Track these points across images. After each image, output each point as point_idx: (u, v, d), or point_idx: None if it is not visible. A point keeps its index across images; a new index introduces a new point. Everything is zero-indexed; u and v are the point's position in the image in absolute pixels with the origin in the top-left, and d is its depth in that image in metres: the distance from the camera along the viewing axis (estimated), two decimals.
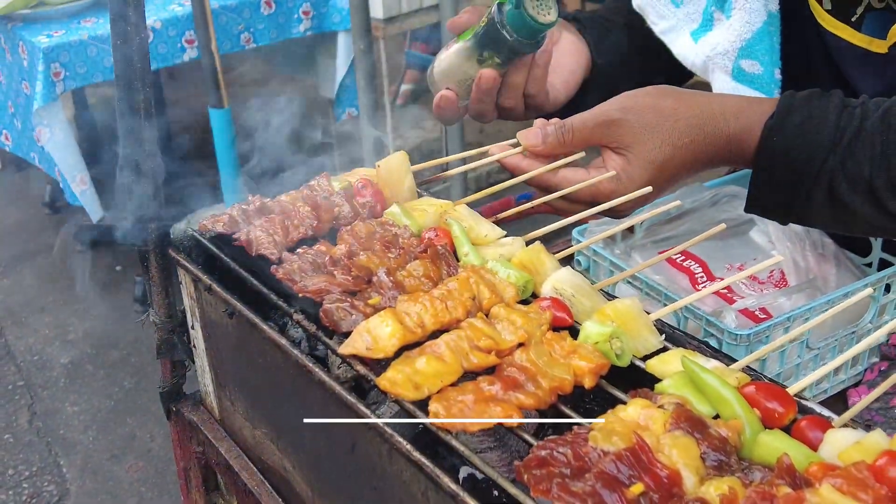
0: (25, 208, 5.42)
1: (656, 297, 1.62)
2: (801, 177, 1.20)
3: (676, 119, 1.23)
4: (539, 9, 1.30)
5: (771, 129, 1.21)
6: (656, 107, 1.24)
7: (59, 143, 3.66)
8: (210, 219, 1.30)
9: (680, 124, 1.23)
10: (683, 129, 1.23)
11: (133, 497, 3.38)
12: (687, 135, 1.23)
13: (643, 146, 1.23)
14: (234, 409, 1.42)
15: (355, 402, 0.99)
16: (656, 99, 1.25)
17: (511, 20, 1.30)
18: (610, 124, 1.24)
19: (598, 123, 1.25)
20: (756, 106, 1.25)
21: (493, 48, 1.34)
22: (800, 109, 1.21)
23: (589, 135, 1.26)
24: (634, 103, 1.25)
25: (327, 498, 1.21)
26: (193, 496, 1.61)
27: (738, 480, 0.80)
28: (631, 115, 1.23)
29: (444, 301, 1.04)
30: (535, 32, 1.32)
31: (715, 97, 1.29)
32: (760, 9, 1.42)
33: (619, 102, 1.26)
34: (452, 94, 1.42)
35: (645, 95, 1.26)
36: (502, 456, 1.07)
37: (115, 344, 4.21)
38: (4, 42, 3.78)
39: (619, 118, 1.24)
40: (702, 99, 1.27)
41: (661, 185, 1.27)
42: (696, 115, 1.23)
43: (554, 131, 1.27)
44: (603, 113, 1.25)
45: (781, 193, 1.24)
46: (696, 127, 1.23)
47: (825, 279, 1.70)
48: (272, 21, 4.04)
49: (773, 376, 1.48)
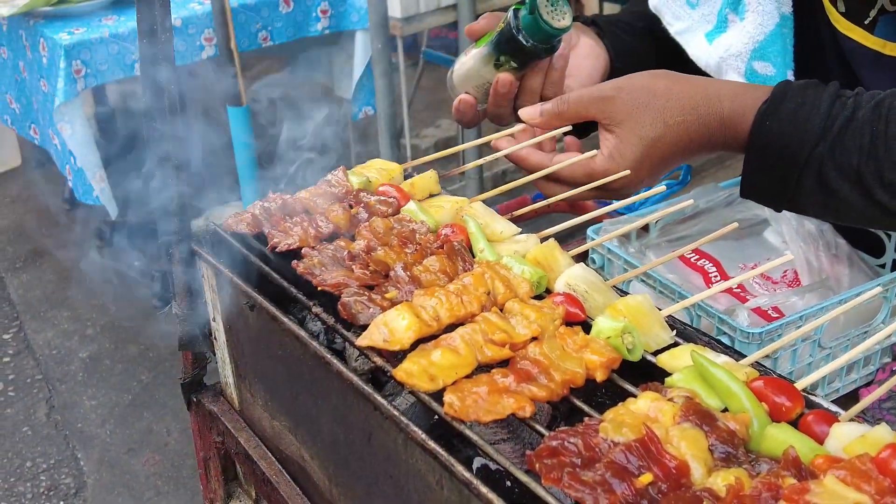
0: (46, 203, 5.47)
1: (670, 295, 1.64)
2: (792, 163, 1.21)
3: (669, 98, 1.25)
4: (553, 14, 1.33)
5: (764, 114, 1.22)
6: (650, 87, 1.27)
7: (79, 139, 3.70)
8: (234, 217, 1.33)
9: (672, 103, 1.25)
10: (675, 108, 1.25)
11: (149, 490, 3.41)
12: (679, 114, 1.25)
13: (634, 123, 1.25)
14: (254, 399, 1.45)
15: (372, 393, 1.02)
16: (651, 80, 1.28)
17: (526, 25, 1.33)
18: (604, 100, 1.27)
19: (592, 98, 1.29)
20: (751, 91, 1.27)
21: (509, 53, 1.37)
22: (794, 96, 1.22)
23: (584, 109, 1.30)
24: (629, 83, 1.28)
25: (344, 487, 1.24)
26: (213, 486, 1.64)
27: (744, 472, 0.82)
28: (624, 93, 1.26)
29: (460, 295, 1.07)
30: (551, 37, 1.34)
31: (711, 81, 1.31)
32: (773, 11, 1.43)
33: (614, 81, 1.30)
34: (471, 98, 1.45)
35: (640, 76, 1.30)
36: (515, 447, 1.10)
37: (133, 339, 4.25)
38: (26, 39, 3.82)
39: (613, 95, 1.27)
40: (697, 82, 1.29)
41: (654, 163, 1.28)
42: (690, 96, 1.25)
43: (551, 104, 1.33)
44: (598, 89, 1.30)
45: (773, 179, 1.25)
46: (689, 107, 1.25)
47: (838, 279, 1.72)
48: (290, 19, 4.07)
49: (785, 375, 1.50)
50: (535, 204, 1.45)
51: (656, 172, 1.31)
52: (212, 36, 3.85)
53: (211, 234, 1.40)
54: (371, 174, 1.39)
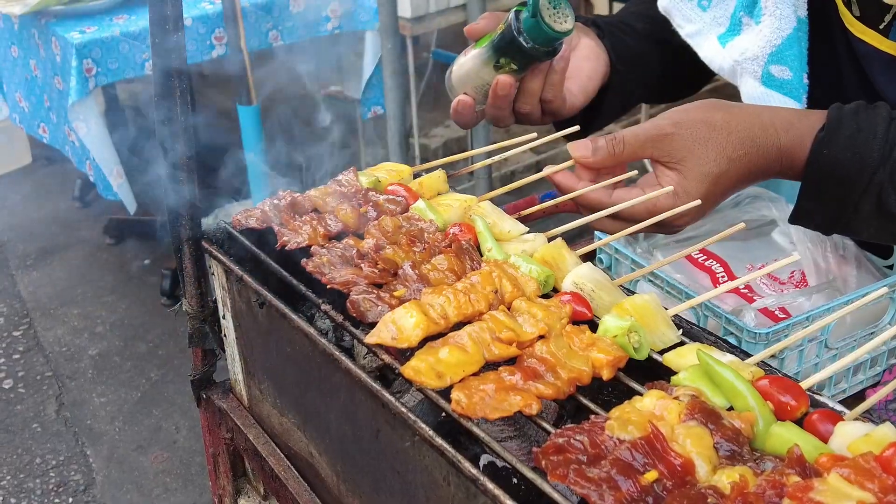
0: (56, 201, 5.50)
1: (677, 295, 1.64)
2: (850, 189, 1.21)
3: (729, 132, 1.23)
4: (555, 17, 1.31)
5: (821, 143, 1.22)
6: (708, 120, 1.23)
7: (95, 137, 3.72)
8: (243, 213, 1.34)
9: (733, 137, 1.23)
10: (737, 142, 1.22)
11: (158, 487, 3.43)
12: (741, 147, 1.23)
13: (697, 160, 1.22)
14: (263, 396, 1.46)
15: (379, 390, 1.03)
16: (707, 112, 1.25)
17: (527, 28, 1.31)
18: (662, 138, 1.23)
19: (650, 137, 1.24)
20: (805, 119, 1.26)
21: (509, 55, 1.35)
22: (849, 123, 1.22)
23: (640, 148, 1.24)
24: (686, 117, 1.24)
25: (351, 483, 1.25)
26: (221, 482, 1.65)
27: (749, 469, 0.83)
28: (683, 129, 1.22)
29: (468, 294, 1.08)
30: (552, 40, 1.33)
31: (764, 109, 1.29)
32: (790, 14, 1.43)
33: (670, 117, 1.25)
34: (469, 99, 1.43)
35: (695, 109, 1.26)
36: (522, 444, 1.11)
37: (142, 336, 4.27)
38: (38, 38, 3.84)
39: (672, 132, 1.22)
40: (752, 111, 1.27)
41: (716, 198, 1.26)
42: (748, 128, 1.23)
43: (605, 143, 1.25)
44: (655, 127, 1.24)
45: (829, 206, 1.25)
46: (748, 139, 1.23)
47: (845, 280, 1.72)
48: (301, 19, 4.08)
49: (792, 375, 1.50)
50: (542, 203, 1.45)
51: (717, 205, 1.30)
52: (223, 35, 3.87)
53: (221, 231, 1.41)
54: (381, 175, 1.40)
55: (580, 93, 1.54)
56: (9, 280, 4.79)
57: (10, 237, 5.18)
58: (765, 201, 1.86)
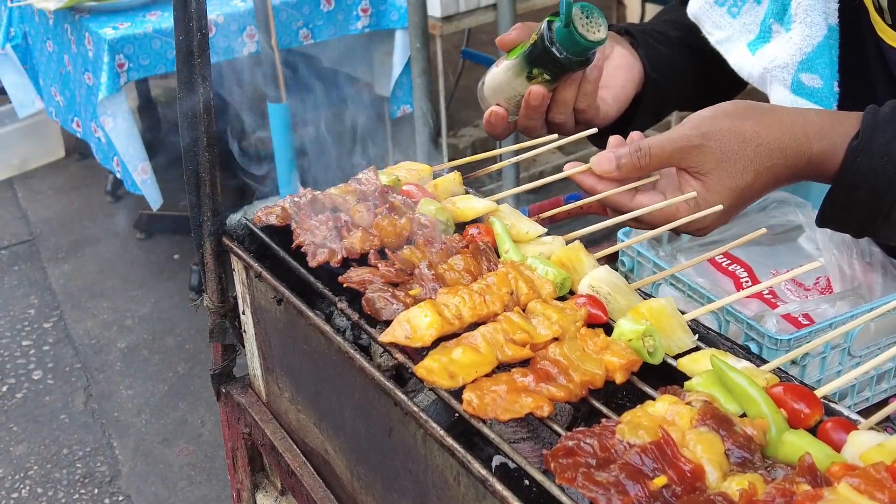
0: (88, 195, 5.57)
1: (699, 299, 1.63)
2: (884, 197, 1.19)
3: (759, 144, 1.20)
4: (589, 27, 1.30)
5: (855, 151, 1.20)
6: (738, 131, 1.20)
7: (122, 132, 3.76)
8: (264, 210, 1.35)
9: (762, 149, 1.20)
10: (765, 155, 1.20)
11: (182, 480, 3.46)
12: (769, 159, 1.20)
13: (724, 172, 1.19)
14: (281, 392, 1.47)
15: (392, 389, 1.03)
16: (736, 121, 1.21)
17: (560, 38, 1.30)
18: (690, 150, 1.20)
19: (676, 148, 1.21)
20: (839, 125, 1.23)
21: (542, 65, 1.34)
22: (883, 129, 1.19)
23: (667, 159, 1.22)
24: (714, 128, 1.21)
25: (365, 480, 1.25)
26: (240, 476, 1.67)
27: (759, 477, 0.82)
28: (712, 140, 1.19)
29: (483, 295, 1.08)
30: (585, 50, 1.31)
31: (797, 115, 1.26)
32: (821, 22, 1.41)
33: (698, 127, 1.21)
34: (502, 110, 1.43)
35: (725, 118, 1.22)
36: (534, 446, 1.10)
37: (170, 330, 4.31)
38: (71, 33, 3.89)
39: (700, 143, 1.20)
40: (784, 118, 1.23)
41: (737, 209, 1.25)
42: (779, 138, 1.21)
43: (628, 155, 1.22)
44: (682, 137, 1.21)
45: (860, 212, 1.23)
46: (778, 150, 1.20)
47: (870, 287, 1.70)
48: (331, 18, 4.10)
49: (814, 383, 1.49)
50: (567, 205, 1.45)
51: (739, 213, 1.28)
52: (254, 33, 3.90)
53: (242, 228, 1.42)
54: (401, 174, 1.40)
55: (614, 102, 1.53)
56: (40, 272, 4.85)
57: (42, 230, 5.25)
58: (791, 206, 1.85)
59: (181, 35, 1.30)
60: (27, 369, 4.11)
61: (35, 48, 4.38)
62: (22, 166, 5.83)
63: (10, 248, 5.12)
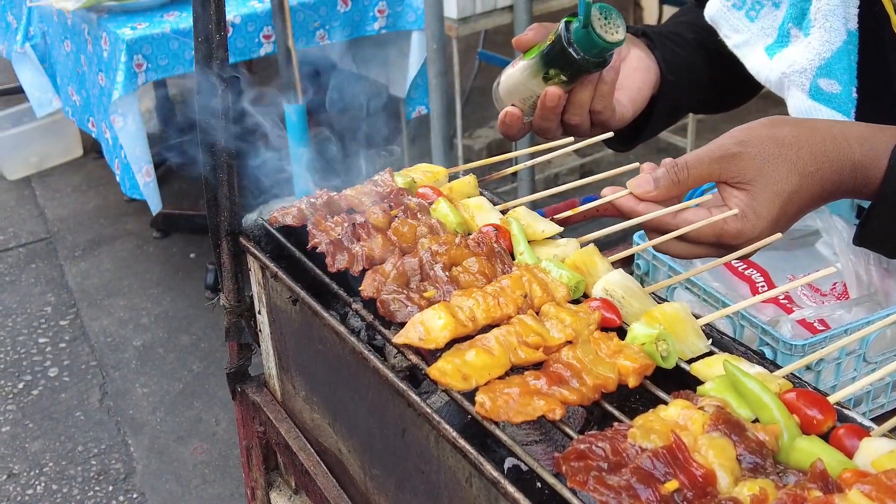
0: (105, 194, 5.60)
1: (713, 303, 1.63)
2: None
3: (799, 147, 1.16)
4: (607, 27, 1.29)
5: None
6: (775, 136, 1.17)
7: (130, 132, 3.78)
8: (280, 211, 1.36)
9: (803, 152, 1.16)
10: (808, 158, 1.16)
11: (196, 478, 3.48)
12: (812, 163, 1.16)
13: (768, 178, 1.15)
14: (295, 392, 1.48)
15: (406, 390, 1.04)
16: (773, 128, 1.18)
17: (578, 39, 1.29)
18: (729, 159, 1.16)
19: (714, 159, 1.17)
20: (879, 133, 1.20)
21: (559, 66, 1.33)
22: None
23: (706, 172, 1.18)
24: (751, 135, 1.18)
25: (378, 480, 1.26)
26: (254, 474, 1.68)
27: (771, 483, 0.82)
28: (751, 147, 1.16)
29: (497, 297, 1.08)
30: (603, 51, 1.31)
31: (834, 123, 1.23)
32: (841, 27, 1.40)
33: (734, 136, 1.18)
34: (517, 111, 1.42)
35: (759, 126, 1.19)
36: (546, 449, 1.11)
37: (186, 329, 4.33)
38: (88, 33, 3.92)
39: (739, 151, 1.16)
40: (821, 125, 1.21)
41: (788, 218, 1.20)
42: (820, 142, 1.17)
43: (665, 173, 1.19)
44: (720, 147, 1.17)
45: None
46: (821, 154, 1.17)
47: (887, 294, 1.69)
48: (347, 18, 4.11)
49: (828, 389, 1.48)
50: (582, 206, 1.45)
51: (790, 225, 1.22)
52: (270, 33, 3.91)
53: (258, 228, 1.43)
54: (416, 175, 1.41)
55: (630, 104, 1.52)
56: (57, 270, 4.89)
57: (59, 228, 5.29)
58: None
59: (200, 36, 1.31)
60: (43, 366, 4.14)
61: (53, 48, 4.41)
62: (40, 165, 5.87)
63: (27, 245, 5.16)
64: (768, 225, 1.17)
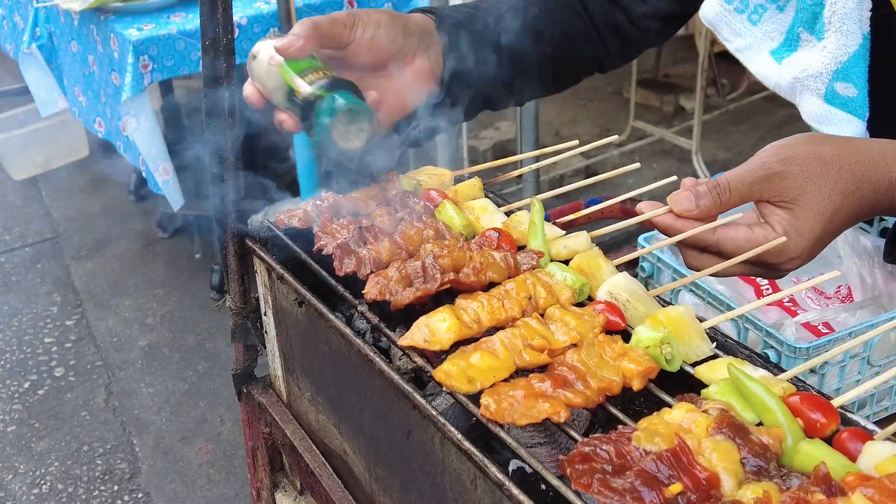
0: (111, 194, 5.61)
1: (718, 306, 1.63)
2: None
3: (840, 166, 1.15)
4: (347, 134, 1.26)
5: None
6: (818, 154, 1.15)
7: (145, 132, 3.79)
8: (286, 213, 1.36)
9: (844, 171, 1.15)
10: (848, 177, 1.15)
11: (201, 478, 3.48)
12: (853, 182, 1.15)
13: (811, 197, 1.14)
14: (301, 393, 1.48)
15: (411, 392, 1.04)
16: (814, 146, 1.17)
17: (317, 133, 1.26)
18: (772, 178, 1.14)
19: (756, 179, 1.15)
20: None
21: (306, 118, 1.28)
22: None
23: (748, 191, 1.16)
24: (793, 153, 1.16)
25: (383, 482, 1.27)
26: (259, 475, 1.68)
27: (774, 486, 0.82)
28: (794, 165, 1.14)
29: (502, 300, 1.08)
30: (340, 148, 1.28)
31: (871, 141, 1.22)
32: (856, 31, 1.39)
33: (776, 154, 1.17)
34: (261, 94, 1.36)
35: (802, 144, 1.18)
36: (551, 452, 1.11)
37: (191, 329, 4.34)
38: (97, 34, 3.92)
39: (782, 170, 1.14)
40: (861, 143, 1.20)
41: (828, 237, 1.18)
42: (859, 162, 1.16)
43: (707, 192, 1.16)
44: (762, 167, 1.15)
45: None
46: (860, 174, 1.16)
47: (891, 296, 1.70)
48: None
49: (832, 392, 1.49)
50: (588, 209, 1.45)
51: (827, 244, 1.21)
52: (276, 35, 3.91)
53: (265, 230, 1.44)
54: (422, 178, 1.41)
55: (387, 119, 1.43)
56: (63, 270, 4.90)
57: (65, 228, 5.30)
58: None
59: (207, 38, 1.31)
60: (49, 366, 4.15)
61: (60, 48, 4.42)
62: (46, 165, 5.89)
63: (33, 245, 5.17)
64: (810, 244, 1.15)
